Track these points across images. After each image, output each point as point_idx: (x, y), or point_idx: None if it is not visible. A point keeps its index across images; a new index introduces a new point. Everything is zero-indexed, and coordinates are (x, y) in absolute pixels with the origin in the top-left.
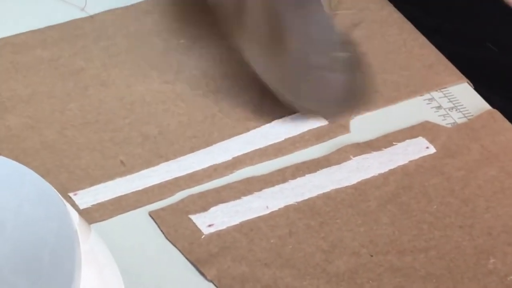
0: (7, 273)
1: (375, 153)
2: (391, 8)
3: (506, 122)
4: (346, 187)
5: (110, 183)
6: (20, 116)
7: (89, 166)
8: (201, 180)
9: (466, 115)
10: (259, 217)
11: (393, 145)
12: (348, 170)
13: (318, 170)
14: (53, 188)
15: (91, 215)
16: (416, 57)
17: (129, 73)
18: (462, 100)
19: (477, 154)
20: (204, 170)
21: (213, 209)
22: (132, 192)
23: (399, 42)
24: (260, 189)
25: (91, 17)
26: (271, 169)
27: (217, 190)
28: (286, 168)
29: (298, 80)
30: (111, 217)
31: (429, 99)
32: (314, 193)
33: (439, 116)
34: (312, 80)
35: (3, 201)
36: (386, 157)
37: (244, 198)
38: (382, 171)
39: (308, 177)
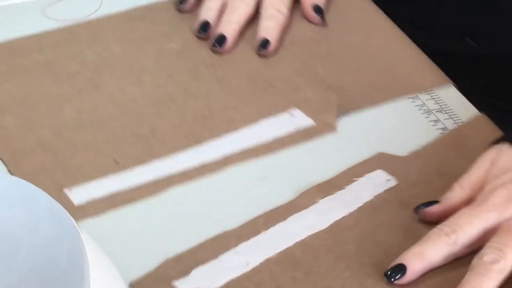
0: None
1: (339, 193)
2: (375, 9)
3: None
4: (320, 231)
5: (104, 180)
6: (16, 116)
7: (83, 164)
8: (193, 177)
9: (453, 117)
10: (241, 275)
11: (354, 181)
12: (317, 213)
13: (288, 217)
14: (64, 209)
15: (86, 210)
16: (401, 59)
17: (122, 76)
18: (448, 101)
19: (438, 181)
20: (195, 167)
21: (193, 272)
22: (125, 189)
23: (384, 44)
24: (236, 245)
25: (85, 22)
26: (242, 220)
27: (192, 251)
28: (257, 218)
29: None
30: (104, 212)
31: (413, 98)
32: (290, 242)
33: (426, 118)
34: None
35: (19, 221)
36: (351, 195)
37: (222, 257)
38: (351, 210)
39: (281, 225)
